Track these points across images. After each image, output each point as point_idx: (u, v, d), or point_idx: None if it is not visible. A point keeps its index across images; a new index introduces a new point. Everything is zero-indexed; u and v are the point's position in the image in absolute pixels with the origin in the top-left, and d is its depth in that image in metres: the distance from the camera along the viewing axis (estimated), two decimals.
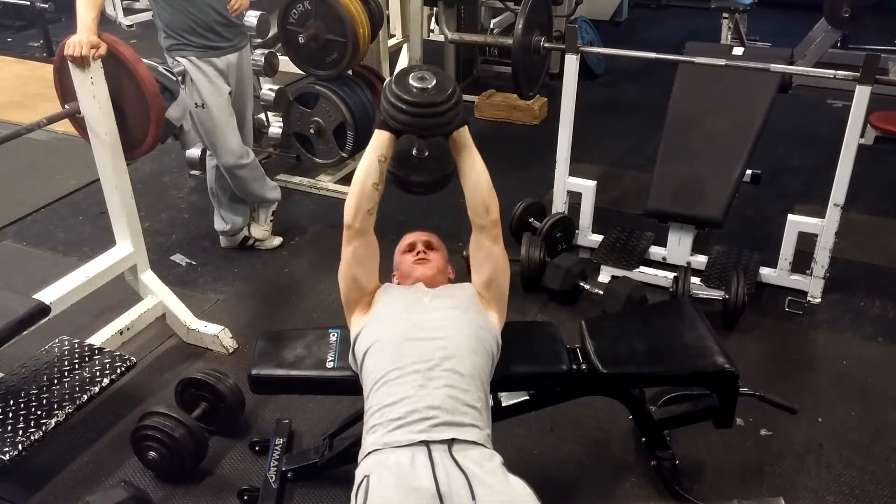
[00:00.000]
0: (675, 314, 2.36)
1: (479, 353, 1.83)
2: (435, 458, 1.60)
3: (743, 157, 3.16)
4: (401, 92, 1.79)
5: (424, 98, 1.79)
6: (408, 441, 1.63)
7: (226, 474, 2.36)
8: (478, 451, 1.66)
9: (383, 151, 1.87)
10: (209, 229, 3.64)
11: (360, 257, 1.95)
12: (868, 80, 2.76)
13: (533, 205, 3.54)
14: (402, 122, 1.81)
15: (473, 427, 1.69)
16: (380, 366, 1.79)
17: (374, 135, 1.88)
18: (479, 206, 1.94)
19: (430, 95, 1.79)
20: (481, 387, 1.78)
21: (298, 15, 3.72)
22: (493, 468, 1.63)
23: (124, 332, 2.75)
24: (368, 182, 1.88)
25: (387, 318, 1.89)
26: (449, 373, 1.73)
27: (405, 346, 1.79)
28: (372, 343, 1.85)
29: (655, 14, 7.61)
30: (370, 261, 1.98)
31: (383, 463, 1.62)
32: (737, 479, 2.32)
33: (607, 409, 2.48)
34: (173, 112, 2.75)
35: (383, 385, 1.75)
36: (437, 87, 1.80)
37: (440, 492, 1.54)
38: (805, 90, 4.93)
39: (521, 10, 3.20)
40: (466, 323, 1.86)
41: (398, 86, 1.80)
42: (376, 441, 1.67)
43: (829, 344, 2.93)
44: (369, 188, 1.88)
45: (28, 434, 2.15)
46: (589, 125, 3.98)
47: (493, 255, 1.97)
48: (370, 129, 1.93)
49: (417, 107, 1.79)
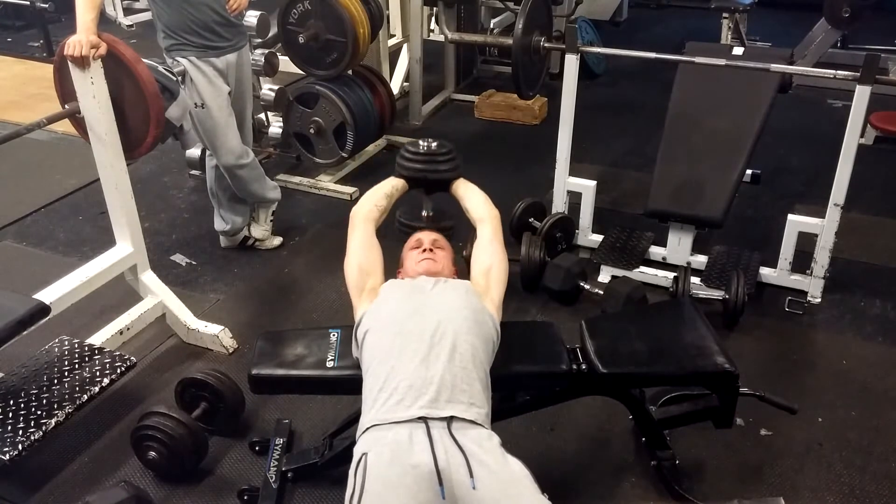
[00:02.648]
0: (675, 314, 2.36)
1: (479, 335, 1.85)
2: (434, 435, 1.61)
3: (743, 157, 3.16)
4: (411, 148, 2.33)
5: (429, 149, 2.31)
6: (407, 417, 1.64)
7: (226, 474, 2.36)
8: (477, 430, 1.67)
9: (395, 185, 2.28)
10: (209, 229, 3.63)
11: (364, 243, 2.09)
12: (868, 80, 2.76)
13: (533, 205, 3.54)
14: (412, 169, 2.29)
15: (472, 405, 1.70)
16: (379, 343, 1.82)
17: (389, 178, 2.31)
18: (479, 208, 2.21)
19: (432, 149, 2.31)
20: (481, 367, 1.80)
21: (298, 15, 3.73)
22: (492, 448, 1.64)
23: (124, 332, 2.75)
24: (373, 201, 2.21)
25: (389, 303, 1.93)
26: (449, 351, 1.75)
27: (406, 324, 1.82)
28: (373, 324, 1.88)
29: (655, 14, 7.61)
30: (373, 251, 2.09)
31: (381, 440, 1.63)
32: (737, 479, 2.32)
33: (607, 409, 2.48)
34: (173, 112, 2.74)
35: (382, 361, 1.77)
36: (438, 145, 2.31)
37: (438, 469, 1.56)
38: (805, 90, 4.94)
39: (521, 10, 3.21)
40: (466, 306, 1.89)
41: (410, 146, 2.34)
42: (374, 417, 1.68)
43: (829, 344, 2.93)
44: (373, 204, 2.20)
45: (28, 434, 2.15)
46: (589, 125, 3.99)
47: (493, 248, 2.11)
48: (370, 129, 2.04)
49: (423, 156, 2.30)
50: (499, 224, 2.17)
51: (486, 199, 2.24)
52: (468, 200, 2.25)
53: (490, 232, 2.13)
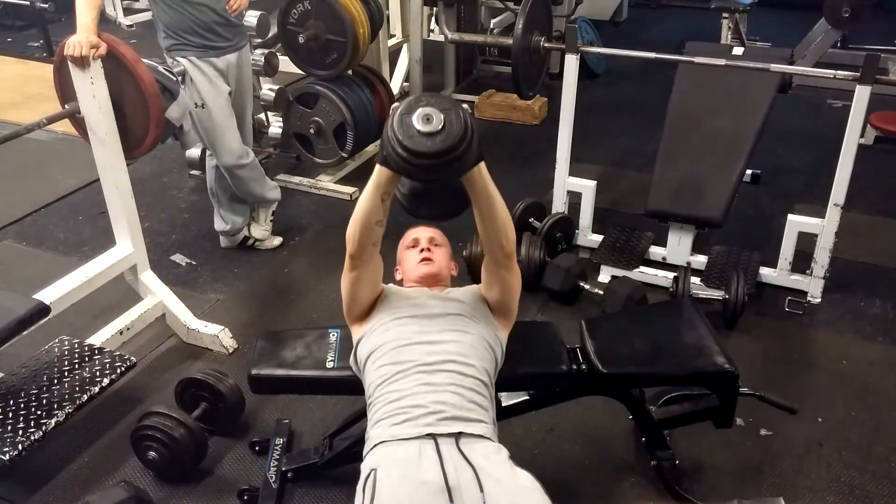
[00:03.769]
0: (675, 314, 2.36)
1: (485, 358, 1.82)
2: (443, 451, 1.60)
3: (743, 157, 3.16)
4: (403, 135, 1.54)
5: (428, 147, 1.52)
6: (415, 434, 1.63)
7: (226, 474, 2.36)
8: (485, 444, 1.66)
9: (386, 189, 1.71)
10: (209, 229, 3.63)
11: (364, 281, 1.88)
12: (868, 80, 2.76)
13: (533, 205, 3.54)
14: (404, 170, 1.59)
15: (480, 422, 1.69)
16: (383, 370, 1.77)
17: (376, 170, 1.70)
18: (494, 240, 1.80)
19: (434, 144, 1.51)
20: (485, 386, 1.78)
21: (298, 15, 3.73)
22: (501, 461, 1.63)
23: (124, 332, 2.75)
24: (371, 221, 1.75)
25: (390, 325, 1.85)
26: (453, 374, 1.73)
27: (409, 350, 1.77)
28: (375, 348, 1.83)
29: (655, 14, 7.61)
30: (374, 280, 1.91)
31: (391, 456, 1.62)
32: (737, 479, 2.32)
33: (607, 409, 2.47)
34: (173, 112, 2.74)
35: (387, 383, 1.74)
36: (444, 132, 1.52)
37: (449, 485, 1.54)
38: (805, 90, 4.94)
39: (521, 10, 3.21)
40: (472, 331, 1.84)
41: (400, 126, 1.55)
42: (383, 433, 1.67)
43: (829, 344, 2.93)
44: (372, 226, 1.76)
45: (28, 434, 2.15)
46: (589, 125, 3.99)
47: (506, 281, 1.89)
48: (370, 129, 1.90)
49: (420, 157, 1.53)
50: (514, 257, 1.87)
51: (505, 222, 1.78)
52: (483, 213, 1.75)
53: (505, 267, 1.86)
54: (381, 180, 1.70)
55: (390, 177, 1.69)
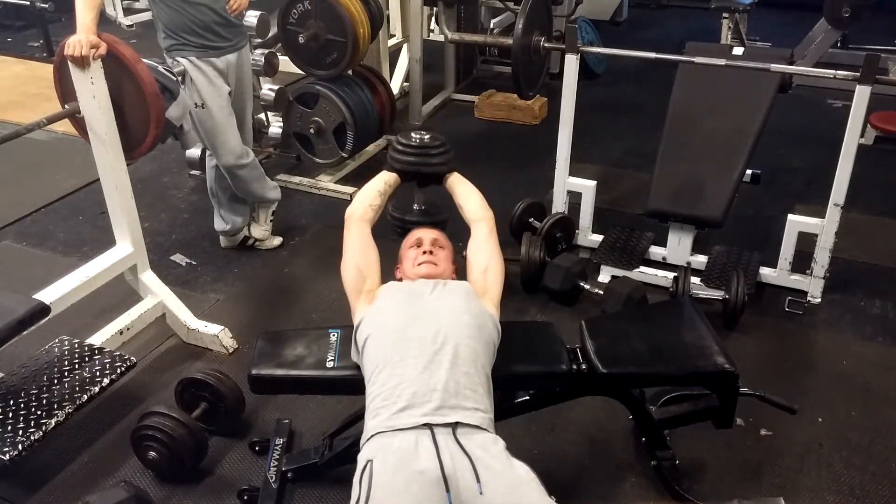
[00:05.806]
0: (675, 314, 2.36)
1: (480, 339, 1.85)
2: (439, 441, 1.61)
3: (743, 157, 3.15)
4: (403, 141, 2.29)
5: (420, 143, 2.27)
6: (412, 424, 1.64)
7: (226, 474, 2.36)
8: (482, 435, 1.67)
9: (387, 181, 2.24)
10: (209, 229, 3.63)
11: (361, 245, 2.08)
12: (868, 80, 2.76)
13: (533, 205, 3.54)
14: (405, 162, 2.26)
15: (477, 410, 1.70)
16: (381, 351, 1.81)
17: (381, 172, 2.27)
18: (474, 208, 2.21)
19: (424, 142, 2.28)
20: (483, 370, 1.80)
21: (298, 15, 3.73)
22: (497, 452, 1.64)
23: (124, 332, 2.75)
24: (367, 201, 2.18)
25: (388, 308, 1.92)
26: (451, 357, 1.75)
27: (407, 331, 1.82)
28: (373, 330, 1.87)
29: (655, 14, 7.61)
30: (370, 252, 2.08)
31: (387, 447, 1.63)
32: (737, 479, 2.32)
33: (607, 409, 2.48)
34: (173, 112, 2.75)
35: (385, 368, 1.77)
36: (431, 138, 2.29)
37: (445, 475, 1.55)
38: (805, 90, 4.93)
39: (521, 10, 3.21)
40: (466, 310, 1.89)
41: (402, 138, 2.29)
42: (379, 424, 1.68)
43: (829, 344, 2.93)
44: (367, 204, 2.17)
45: (28, 434, 2.15)
46: (589, 125, 3.99)
47: (489, 248, 2.12)
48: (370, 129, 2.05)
49: (415, 148, 2.27)
50: (493, 223, 2.18)
51: (481, 200, 2.23)
52: (463, 199, 2.24)
53: (485, 232, 2.15)
54: (384, 177, 2.26)
55: (392, 176, 2.25)
